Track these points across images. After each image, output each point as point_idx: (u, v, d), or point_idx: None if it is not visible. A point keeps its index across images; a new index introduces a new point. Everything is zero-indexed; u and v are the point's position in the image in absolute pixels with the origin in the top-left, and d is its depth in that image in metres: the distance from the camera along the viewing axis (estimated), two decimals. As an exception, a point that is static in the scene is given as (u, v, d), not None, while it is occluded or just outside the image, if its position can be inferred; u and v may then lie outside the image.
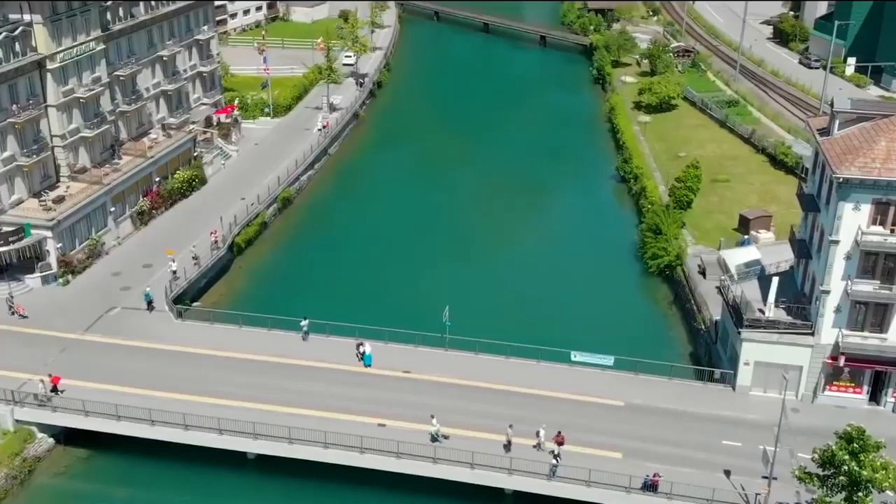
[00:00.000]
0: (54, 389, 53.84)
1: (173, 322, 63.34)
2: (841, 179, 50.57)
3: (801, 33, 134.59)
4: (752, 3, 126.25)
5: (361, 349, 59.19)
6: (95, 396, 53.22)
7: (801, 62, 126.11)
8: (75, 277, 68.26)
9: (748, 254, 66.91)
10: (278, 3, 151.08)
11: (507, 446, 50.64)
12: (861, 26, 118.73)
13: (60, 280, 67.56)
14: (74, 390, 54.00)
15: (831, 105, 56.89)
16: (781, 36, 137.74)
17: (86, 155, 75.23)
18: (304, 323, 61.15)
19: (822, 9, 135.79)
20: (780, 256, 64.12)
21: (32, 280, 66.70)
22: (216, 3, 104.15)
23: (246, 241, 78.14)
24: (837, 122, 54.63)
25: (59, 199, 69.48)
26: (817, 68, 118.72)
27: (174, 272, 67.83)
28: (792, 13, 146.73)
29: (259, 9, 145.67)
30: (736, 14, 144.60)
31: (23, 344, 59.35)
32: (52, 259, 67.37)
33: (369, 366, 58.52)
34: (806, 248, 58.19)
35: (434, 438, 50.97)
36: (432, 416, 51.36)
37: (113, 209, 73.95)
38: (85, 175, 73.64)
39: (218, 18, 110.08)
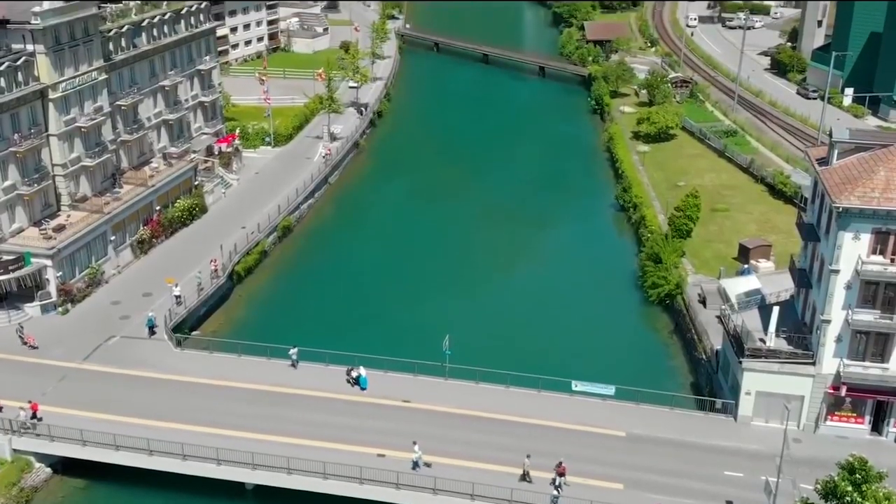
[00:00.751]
0: (34, 416, 53.62)
1: (172, 351, 63.12)
2: (840, 209, 50.67)
3: (798, 64, 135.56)
4: (750, 33, 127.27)
5: (354, 374, 59.05)
6: (93, 426, 52.93)
7: (798, 93, 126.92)
8: (75, 306, 68.15)
9: (748, 283, 66.85)
10: (280, 34, 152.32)
11: (525, 477, 50.18)
12: (858, 57, 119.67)
13: (60, 309, 67.43)
14: (73, 419, 53.68)
15: (830, 135, 57.14)
16: (779, 67, 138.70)
17: (87, 184, 75.44)
18: (292, 351, 61.04)
19: (819, 40, 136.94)
20: (780, 286, 64.11)
21: (32, 309, 66.58)
22: (218, 34, 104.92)
23: (246, 270, 78.09)
24: (836, 151, 54.81)
25: (60, 228, 69.56)
26: (815, 99, 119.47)
27: (178, 297, 67.90)
28: (789, 44, 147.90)
29: (260, 39, 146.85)
30: (734, 45, 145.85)
31: (22, 373, 59.13)
32: (52, 288, 67.28)
33: (365, 388, 58.49)
34: (806, 277, 58.17)
35: (416, 465, 50.63)
36: (414, 443, 51.09)
37: (113, 238, 73.99)
38: (85, 204, 73.78)
39: (220, 49, 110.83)
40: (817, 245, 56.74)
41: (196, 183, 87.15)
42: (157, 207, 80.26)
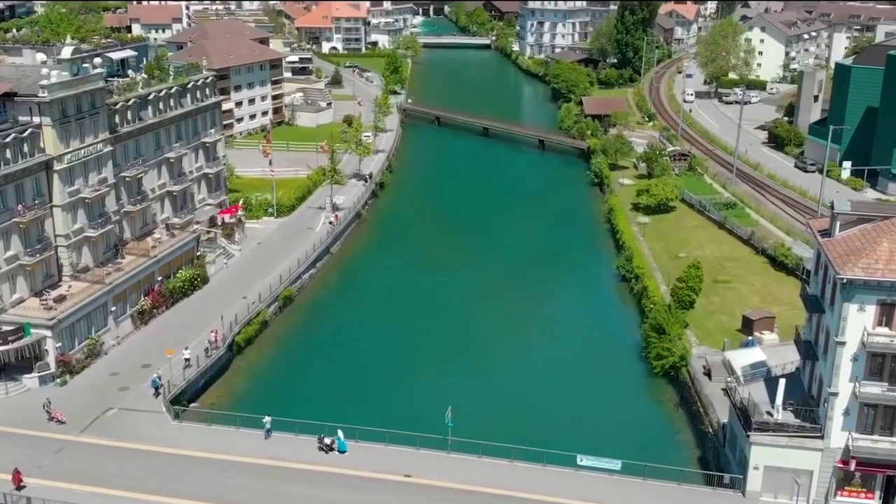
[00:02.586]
0: None
1: (170, 423, 62.28)
2: (845, 280, 50.57)
3: (795, 138, 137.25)
4: (747, 107, 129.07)
5: (327, 440, 58.38)
6: (89, 500, 51.97)
7: (796, 166, 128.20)
8: (73, 377, 67.44)
9: (753, 355, 66.31)
10: (284, 108, 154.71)
11: None
12: (855, 131, 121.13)
13: (58, 380, 66.68)
14: (68, 493, 52.64)
15: (831, 207, 57.37)
16: (776, 140, 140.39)
17: (89, 254, 75.48)
18: (266, 420, 60.25)
19: (815, 114, 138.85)
20: (784, 358, 63.52)
21: (30, 380, 65.87)
22: (223, 108, 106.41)
23: (246, 340, 77.52)
24: (838, 223, 55.00)
25: (61, 299, 69.31)
26: (813, 172, 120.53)
27: (187, 360, 67.60)
28: (786, 118, 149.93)
29: (265, 113, 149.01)
30: (731, 119, 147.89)
31: (18, 445, 58.15)
32: (51, 359, 66.70)
33: (344, 451, 58.02)
34: (812, 349, 57.69)
35: None
36: None
37: (114, 308, 73.66)
38: (87, 274, 73.67)
39: (225, 122, 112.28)
40: (822, 317, 56.40)
41: (198, 253, 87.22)
42: (159, 278, 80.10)
